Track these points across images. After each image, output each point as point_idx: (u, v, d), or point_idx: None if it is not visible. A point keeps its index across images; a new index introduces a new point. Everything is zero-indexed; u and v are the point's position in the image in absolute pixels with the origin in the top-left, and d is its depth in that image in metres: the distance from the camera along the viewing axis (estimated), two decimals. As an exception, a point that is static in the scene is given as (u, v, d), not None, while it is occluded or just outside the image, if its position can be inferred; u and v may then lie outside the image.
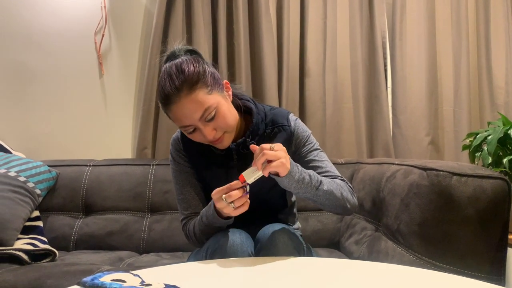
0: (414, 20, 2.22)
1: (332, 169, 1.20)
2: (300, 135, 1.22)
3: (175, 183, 1.26)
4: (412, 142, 2.19)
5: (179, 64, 1.06)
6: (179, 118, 1.06)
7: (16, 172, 1.73)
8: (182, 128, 1.10)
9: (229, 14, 2.11)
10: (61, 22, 2.14)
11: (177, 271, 0.92)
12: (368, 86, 2.22)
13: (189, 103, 1.03)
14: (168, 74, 1.06)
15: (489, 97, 2.25)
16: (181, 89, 1.03)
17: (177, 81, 1.04)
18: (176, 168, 1.26)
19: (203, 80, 1.06)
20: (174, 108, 1.05)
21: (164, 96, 1.05)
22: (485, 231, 1.07)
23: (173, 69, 1.06)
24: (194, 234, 1.19)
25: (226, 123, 1.09)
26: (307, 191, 1.06)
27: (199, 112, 1.04)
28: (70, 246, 1.76)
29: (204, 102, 1.04)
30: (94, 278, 0.74)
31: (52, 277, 1.24)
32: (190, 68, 1.05)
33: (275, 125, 1.21)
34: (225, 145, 1.13)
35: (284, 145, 1.08)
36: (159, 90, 1.08)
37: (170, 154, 1.27)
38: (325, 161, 1.22)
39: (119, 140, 2.17)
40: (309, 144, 1.22)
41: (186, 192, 1.24)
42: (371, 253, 1.34)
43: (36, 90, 2.13)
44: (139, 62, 2.19)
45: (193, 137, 1.11)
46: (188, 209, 1.23)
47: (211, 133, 1.07)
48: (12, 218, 1.57)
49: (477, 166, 1.15)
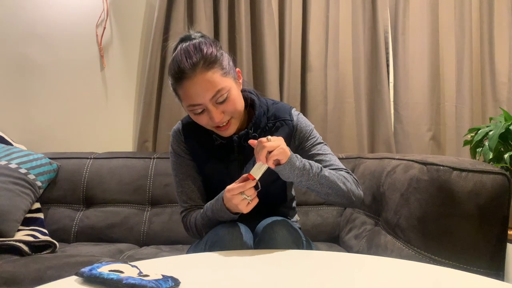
0: (417, 15, 2.21)
1: (336, 162, 1.20)
2: (303, 129, 1.22)
3: (175, 176, 1.26)
4: (414, 138, 2.18)
5: (198, 44, 1.07)
6: (190, 95, 1.05)
7: (17, 164, 1.73)
8: (190, 108, 1.08)
9: (231, 7, 2.10)
10: (62, 14, 2.14)
11: (175, 263, 0.92)
12: (370, 81, 2.21)
13: (204, 81, 1.03)
14: (185, 50, 1.06)
15: (491, 93, 2.24)
16: (197, 66, 1.03)
17: (194, 57, 1.04)
18: (176, 160, 1.25)
19: (220, 62, 1.06)
20: (187, 84, 1.04)
21: (179, 71, 1.04)
22: (484, 226, 1.06)
23: (190, 47, 1.06)
24: (195, 226, 1.19)
25: (235, 108, 1.09)
26: (310, 179, 1.06)
27: (212, 92, 1.04)
28: (71, 238, 1.77)
29: (218, 83, 1.04)
30: (92, 268, 0.75)
31: (52, 268, 1.25)
32: (208, 49, 1.06)
33: (278, 119, 1.21)
34: (229, 132, 1.13)
35: (286, 139, 1.09)
36: (173, 64, 1.07)
37: (170, 146, 1.27)
38: (329, 154, 1.21)
39: (120, 133, 2.17)
40: (312, 138, 1.22)
41: (185, 185, 1.24)
42: (370, 248, 1.35)
43: (38, 83, 2.13)
44: (140, 55, 2.18)
45: (199, 118, 1.10)
46: (187, 202, 1.23)
47: (219, 116, 1.07)
48: (12, 209, 1.58)
49: (478, 161, 1.15)
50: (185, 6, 2.08)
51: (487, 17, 2.26)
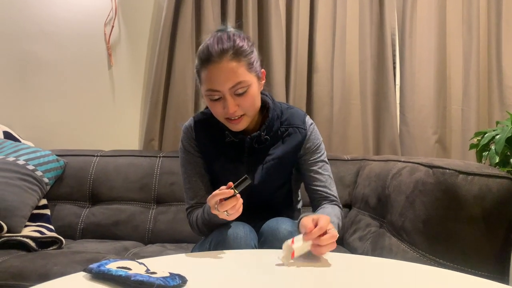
0: (425, 18, 2.20)
1: (330, 186, 1.24)
2: (312, 141, 1.23)
3: (183, 172, 1.26)
4: (419, 140, 2.18)
5: (232, 34, 1.10)
6: (212, 80, 1.06)
7: (25, 160, 1.75)
8: (208, 92, 1.09)
9: (239, 7, 2.11)
10: (71, 13, 2.15)
11: (181, 261, 0.93)
12: (376, 83, 2.21)
13: (228, 69, 1.05)
14: (218, 37, 1.09)
15: (498, 96, 2.23)
16: (226, 53, 1.05)
17: (225, 44, 1.06)
18: (185, 156, 1.25)
19: (248, 57, 1.09)
20: (212, 67, 1.06)
21: (208, 53, 1.06)
22: (490, 230, 1.06)
23: (224, 35, 1.09)
24: (197, 225, 1.20)
25: (251, 105, 1.11)
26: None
27: (232, 82, 1.06)
28: (77, 234, 1.78)
29: (241, 75, 1.06)
30: (100, 265, 0.75)
31: (58, 264, 1.26)
32: (241, 41, 1.08)
33: (291, 125, 1.22)
34: (239, 127, 1.13)
35: (295, 147, 1.16)
36: (203, 47, 1.09)
37: (180, 142, 1.27)
38: (326, 175, 1.24)
39: (127, 131, 2.18)
40: (317, 153, 1.24)
41: (193, 182, 1.24)
42: (375, 250, 1.35)
43: (46, 80, 2.15)
44: (148, 54, 2.19)
45: (213, 106, 1.11)
46: (194, 199, 1.24)
47: (234, 108, 1.08)
48: (20, 205, 1.59)
49: (484, 165, 1.15)
50: (193, 5, 2.09)
51: (495, 21, 2.25)
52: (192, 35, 2.10)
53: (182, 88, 2.08)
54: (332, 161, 1.84)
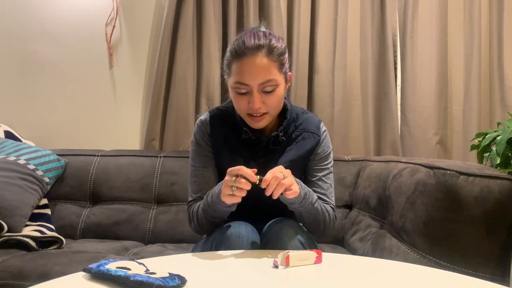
0: (426, 19, 2.20)
1: (330, 195, 1.24)
2: (323, 149, 1.25)
3: (192, 165, 1.25)
4: (420, 141, 2.18)
5: (267, 33, 1.11)
6: (243, 73, 1.07)
7: (26, 160, 1.75)
8: (236, 85, 1.09)
9: (240, 8, 2.10)
10: (72, 12, 2.16)
11: (181, 261, 0.93)
12: (378, 84, 2.20)
13: (261, 65, 1.06)
14: (254, 33, 1.10)
15: (499, 97, 2.23)
16: (261, 49, 1.06)
17: (262, 41, 1.07)
18: (196, 150, 1.25)
19: (281, 58, 1.10)
20: (245, 61, 1.06)
21: (243, 46, 1.07)
22: (491, 231, 1.06)
23: (260, 33, 1.10)
24: (196, 215, 1.17)
25: (276, 105, 1.12)
26: (301, 206, 1.10)
27: (263, 78, 1.06)
28: (77, 234, 1.78)
29: (272, 73, 1.07)
30: (100, 265, 0.75)
31: (59, 263, 1.26)
32: (276, 42, 1.10)
33: (305, 130, 1.23)
34: (260, 124, 1.14)
35: (308, 152, 1.19)
36: (238, 41, 1.10)
37: (193, 135, 1.26)
38: (328, 184, 1.25)
39: (128, 131, 2.18)
40: (325, 161, 1.25)
41: (200, 175, 1.23)
42: (375, 251, 1.35)
43: (47, 80, 2.15)
44: (149, 54, 2.19)
45: (239, 99, 1.11)
46: (197, 192, 1.22)
47: (259, 104, 1.08)
48: (20, 205, 1.60)
49: (485, 166, 1.15)
50: (194, 6, 2.09)
51: (496, 22, 2.25)
52: (193, 35, 2.10)
53: (183, 88, 2.08)
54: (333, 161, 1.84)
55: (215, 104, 2.08)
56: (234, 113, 1.24)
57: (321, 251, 0.93)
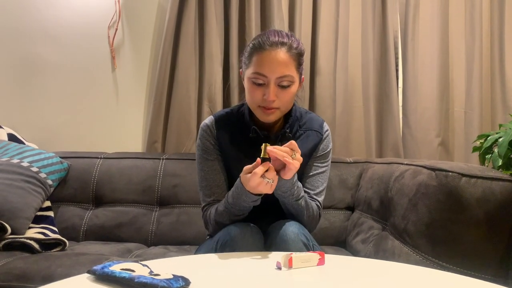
0: (427, 20, 2.20)
1: (321, 193, 1.26)
2: (323, 146, 1.27)
3: (200, 170, 1.26)
4: (422, 143, 2.18)
5: (290, 34, 1.16)
6: (263, 64, 1.10)
7: (29, 162, 1.76)
8: (253, 75, 1.12)
9: (242, 10, 2.11)
10: (75, 15, 2.17)
11: (185, 263, 0.93)
12: (379, 86, 2.21)
13: (282, 59, 1.10)
14: (278, 32, 1.14)
15: (501, 99, 2.23)
16: (283, 45, 1.11)
17: (285, 39, 1.12)
18: (203, 154, 1.25)
19: (299, 59, 1.15)
20: (267, 53, 1.10)
21: (267, 41, 1.11)
22: (493, 233, 1.06)
23: (283, 32, 1.15)
24: (214, 219, 1.18)
25: (288, 101, 1.16)
26: (287, 197, 1.13)
27: (281, 72, 1.10)
28: (80, 236, 1.79)
29: (290, 69, 1.12)
30: (104, 267, 0.76)
31: (62, 266, 1.27)
32: (297, 43, 1.15)
33: (309, 129, 1.26)
34: (271, 118, 1.16)
35: (311, 150, 1.23)
36: (261, 36, 1.14)
37: (198, 139, 1.27)
38: (320, 182, 1.27)
39: (130, 133, 2.19)
40: (322, 160, 1.27)
41: (210, 179, 1.24)
42: (377, 252, 1.35)
43: (50, 83, 2.16)
44: (151, 57, 2.20)
45: (254, 90, 1.14)
46: (211, 196, 1.23)
47: (273, 97, 1.11)
48: (24, 207, 1.60)
49: (487, 168, 1.15)
50: (196, 9, 2.10)
51: (498, 23, 2.25)
52: (195, 38, 2.11)
53: (185, 91, 2.08)
54: (335, 163, 1.84)
55: (217, 106, 2.09)
56: (241, 113, 1.25)
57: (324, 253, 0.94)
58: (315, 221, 1.24)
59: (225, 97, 2.12)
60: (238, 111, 1.28)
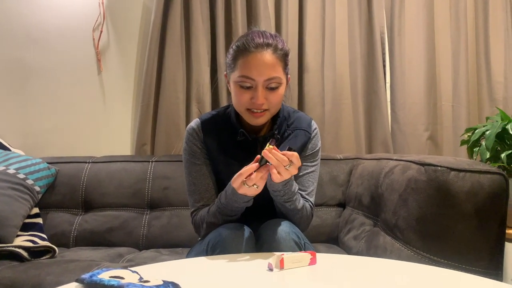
0: (413, 16, 2.21)
1: (311, 193, 1.26)
2: (312, 145, 1.26)
3: (187, 174, 1.24)
4: (411, 138, 2.19)
5: (274, 35, 1.14)
6: (250, 67, 1.09)
7: (15, 169, 1.73)
8: (240, 78, 1.10)
9: (228, 10, 2.10)
10: (59, 18, 2.13)
11: (175, 268, 0.92)
12: (367, 82, 2.21)
13: (268, 61, 1.08)
14: (261, 32, 1.13)
15: (487, 92, 2.25)
16: (269, 47, 1.09)
17: (270, 40, 1.10)
18: (190, 158, 1.24)
19: (285, 59, 1.14)
20: (252, 56, 1.09)
21: (252, 43, 1.09)
22: (483, 226, 1.07)
23: (267, 33, 1.13)
24: (206, 221, 1.17)
25: (277, 103, 1.14)
26: (280, 198, 1.12)
27: (269, 75, 1.09)
28: (70, 242, 1.77)
29: (277, 71, 1.10)
30: (93, 275, 0.75)
31: (51, 274, 1.25)
32: (282, 43, 1.13)
33: (297, 128, 1.25)
34: (260, 121, 1.15)
35: (300, 148, 1.21)
36: (245, 37, 1.12)
37: (185, 143, 1.25)
38: (311, 182, 1.26)
39: (118, 136, 2.17)
40: (311, 159, 1.27)
41: (199, 184, 1.22)
42: (369, 248, 1.35)
43: (35, 87, 2.13)
44: (137, 58, 2.18)
45: (242, 94, 1.12)
46: (200, 201, 1.22)
47: (262, 100, 1.10)
48: (11, 215, 1.58)
49: (475, 161, 1.16)
50: (181, 9, 2.08)
51: (482, 17, 2.27)
52: (181, 38, 2.09)
53: (173, 92, 2.07)
54: (325, 160, 1.84)
55: (205, 107, 2.08)
56: (228, 116, 1.23)
57: (316, 252, 0.93)
58: (308, 221, 1.23)
59: (214, 97, 2.11)
60: (225, 113, 1.27)
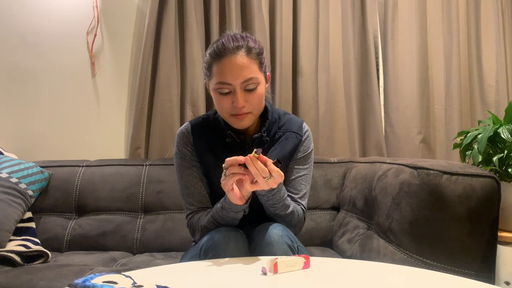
0: (406, 19, 2.23)
1: (304, 196, 1.25)
2: (304, 148, 1.26)
3: (180, 178, 1.24)
4: (404, 141, 2.21)
5: (245, 35, 1.14)
6: (225, 73, 1.09)
7: (8, 173, 1.72)
8: (218, 85, 1.11)
9: (222, 13, 2.10)
10: (53, 22, 2.13)
11: (169, 272, 0.92)
12: (361, 85, 2.23)
13: (242, 64, 1.08)
14: (232, 35, 1.12)
15: (479, 95, 2.27)
16: (240, 49, 1.09)
17: (240, 42, 1.10)
18: (182, 162, 1.24)
19: (260, 58, 1.13)
20: (226, 61, 1.09)
21: (222, 48, 1.09)
22: (475, 229, 1.08)
23: (237, 35, 1.13)
24: (202, 226, 1.17)
25: (258, 103, 1.14)
26: (269, 200, 1.12)
27: (244, 77, 1.09)
28: (63, 247, 1.76)
29: (253, 71, 1.10)
30: (86, 280, 0.74)
31: (44, 279, 1.24)
32: (253, 43, 1.13)
33: (288, 130, 1.25)
34: (244, 124, 1.15)
35: (291, 152, 1.20)
36: (216, 43, 1.12)
37: (175, 147, 1.26)
38: (303, 185, 1.25)
39: (112, 140, 2.16)
40: (304, 162, 1.26)
41: (192, 187, 1.22)
42: (363, 252, 1.35)
43: (28, 91, 2.12)
44: (131, 62, 2.18)
45: (222, 100, 1.12)
46: (194, 204, 1.22)
47: (243, 103, 1.10)
48: (4, 220, 1.56)
49: (467, 165, 1.17)
50: (176, 12, 2.08)
51: (474, 21, 2.30)
52: (176, 42, 2.09)
53: (167, 95, 2.06)
54: (319, 164, 1.85)
55: (200, 110, 2.08)
56: (217, 118, 1.24)
57: (309, 255, 0.94)
58: (300, 224, 1.23)
59: (208, 101, 2.11)
60: (214, 116, 1.27)
